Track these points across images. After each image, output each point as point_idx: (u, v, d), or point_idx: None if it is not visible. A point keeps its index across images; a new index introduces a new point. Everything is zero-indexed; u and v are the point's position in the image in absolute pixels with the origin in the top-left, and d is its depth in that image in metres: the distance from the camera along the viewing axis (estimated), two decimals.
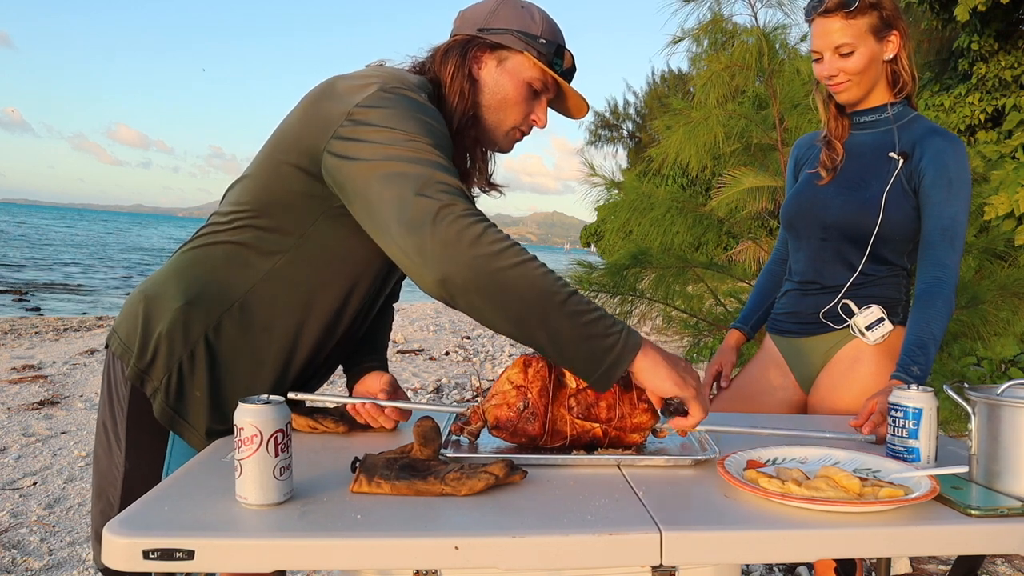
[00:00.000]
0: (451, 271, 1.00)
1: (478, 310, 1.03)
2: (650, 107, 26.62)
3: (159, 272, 1.29)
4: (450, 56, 1.28)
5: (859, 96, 1.64)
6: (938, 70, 9.77)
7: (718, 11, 3.56)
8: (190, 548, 0.82)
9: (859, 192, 1.64)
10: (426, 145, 1.08)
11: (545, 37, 1.28)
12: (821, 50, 1.61)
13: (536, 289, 1.02)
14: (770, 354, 1.85)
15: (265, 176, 1.22)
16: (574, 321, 1.03)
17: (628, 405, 1.16)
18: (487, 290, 1.01)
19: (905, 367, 1.47)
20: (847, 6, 1.54)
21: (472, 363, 7.09)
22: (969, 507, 0.97)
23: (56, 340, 8.23)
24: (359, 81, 1.16)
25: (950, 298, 1.51)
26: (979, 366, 4.63)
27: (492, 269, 1.00)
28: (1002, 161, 7.27)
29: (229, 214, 1.25)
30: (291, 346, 1.27)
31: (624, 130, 30.43)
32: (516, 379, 1.16)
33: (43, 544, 2.82)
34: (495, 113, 1.30)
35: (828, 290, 1.70)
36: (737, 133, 3.48)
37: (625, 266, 3.46)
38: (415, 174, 1.04)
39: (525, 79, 1.29)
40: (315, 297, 1.26)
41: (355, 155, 1.09)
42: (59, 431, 4.33)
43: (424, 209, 1.01)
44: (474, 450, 1.18)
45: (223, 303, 1.23)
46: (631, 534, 0.87)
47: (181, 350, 1.22)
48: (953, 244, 1.54)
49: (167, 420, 1.22)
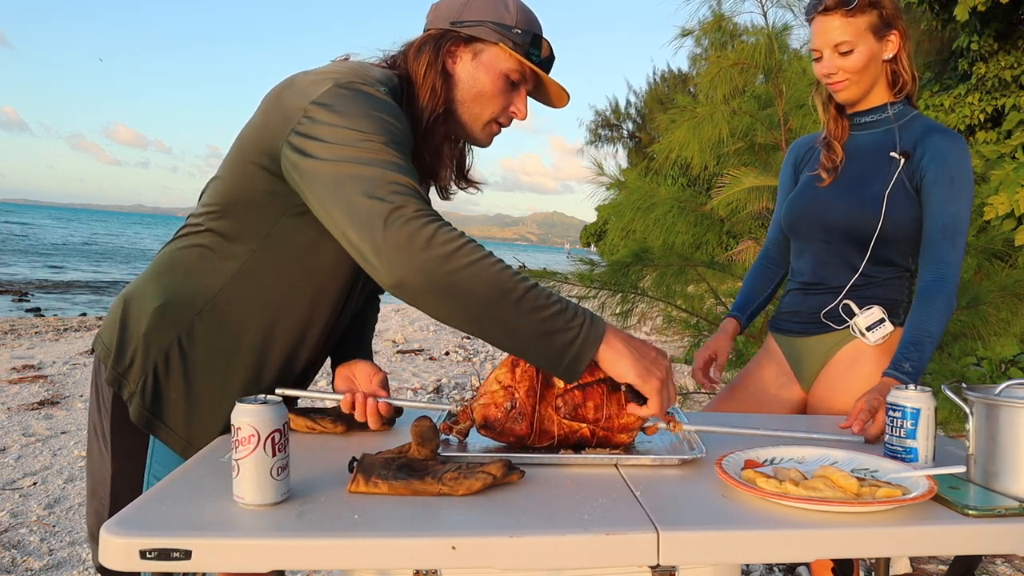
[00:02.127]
0: (405, 275, 1.00)
1: (436, 311, 1.03)
2: (650, 107, 26.62)
3: (141, 275, 1.29)
4: (423, 51, 1.25)
5: (858, 95, 1.64)
6: (938, 70, 9.77)
7: (719, 11, 3.55)
8: (187, 548, 0.82)
9: (860, 193, 1.63)
10: (380, 144, 1.06)
11: (520, 27, 1.26)
12: (820, 48, 1.60)
13: (492, 287, 1.01)
14: (771, 353, 1.85)
15: (232, 176, 1.21)
16: (532, 317, 1.02)
17: (616, 405, 1.16)
18: (442, 292, 1.00)
19: (897, 364, 1.47)
20: (847, 4, 1.54)
21: (472, 363, 7.09)
22: (967, 507, 0.97)
23: (56, 340, 8.23)
24: (317, 76, 1.14)
25: (950, 296, 1.51)
26: (979, 366, 4.63)
27: (446, 271, 0.99)
28: (1002, 161, 7.26)
29: (201, 215, 1.24)
30: (263, 346, 1.26)
31: (624, 130, 30.43)
32: (504, 379, 1.17)
33: (43, 544, 2.82)
34: (471, 107, 1.28)
35: (830, 291, 1.70)
36: (741, 131, 3.48)
37: (627, 264, 3.46)
38: (367, 176, 1.03)
39: (502, 71, 1.26)
40: (284, 296, 1.25)
41: (311, 153, 1.07)
42: (59, 431, 4.33)
43: (375, 212, 1.01)
44: (463, 449, 1.18)
45: (195, 305, 1.23)
46: (628, 534, 0.87)
47: (156, 353, 1.22)
48: (954, 242, 1.53)
49: (144, 423, 1.22)
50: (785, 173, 1.90)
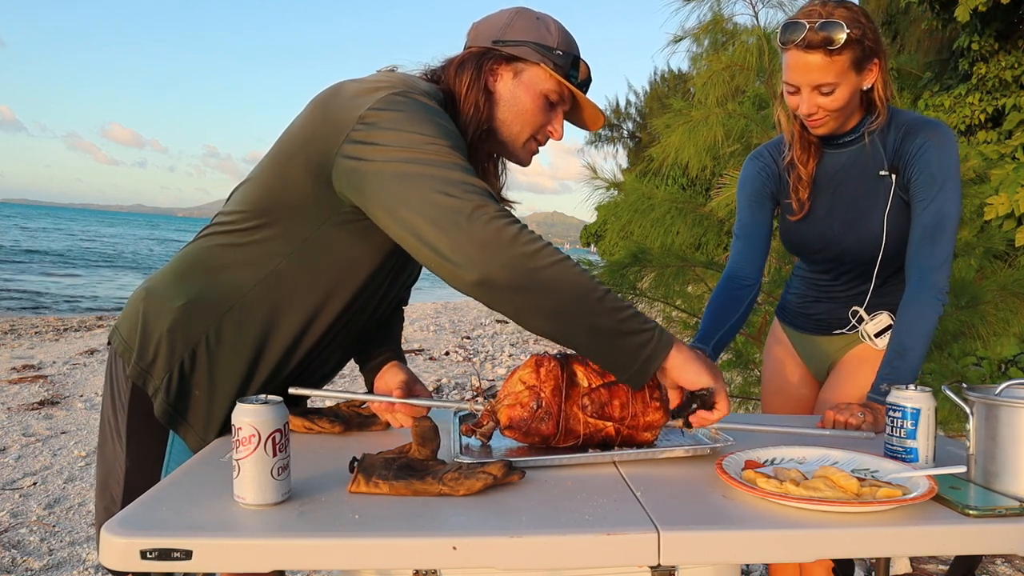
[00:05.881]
0: (491, 271, 1.01)
1: (518, 309, 1.04)
2: (650, 107, 26.63)
3: (161, 271, 1.30)
4: (465, 68, 1.26)
5: (836, 128, 1.57)
6: (938, 70, 9.77)
7: (719, 11, 3.55)
8: (188, 548, 0.82)
9: (863, 224, 1.59)
10: (446, 147, 1.08)
11: (561, 49, 1.27)
12: (798, 84, 1.50)
13: (576, 287, 1.03)
14: (784, 347, 1.86)
15: (270, 180, 1.21)
16: (612, 317, 1.05)
17: (641, 403, 1.17)
18: (529, 288, 1.02)
19: (875, 388, 1.47)
20: (830, 44, 1.42)
21: (472, 363, 7.09)
22: (967, 507, 0.97)
23: (56, 340, 8.23)
24: (369, 85, 1.15)
25: (934, 298, 1.48)
26: (979, 366, 4.63)
27: (533, 267, 1.01)
28: (1002, 161, 7.26)
29: (232, 214, 1.25)
30: (289, 348, 1.27)
31: (624, 130, 30.45)
32: (528, 379, 1.16)
33: (43, 544, 2.82)
34: (512, 126, 1.29)
35: (839, 299, 1.72)
36: (737, 133, 3.47)
37: (625, 265, 3.46)
38: (438, 175, 1.04)
39: (542, 91, 1.27)
40: (316, 300, 1.25)
41: (371, 157, 1.08)
42: (59, 431, 4.33)
43: (457, 209, 1.02)
44: (487, 452, 1.18)
45: (224, 304, 1.23)
46: (629, 534, 0.87)
47: (182, 349, 1.22)
48: (936, 242, 1.50)
49: (168, 419, 1.23)
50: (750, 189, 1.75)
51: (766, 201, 1.74)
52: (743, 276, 1.74)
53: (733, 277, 1.75)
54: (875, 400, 1.45)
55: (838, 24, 1.41)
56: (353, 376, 5.76)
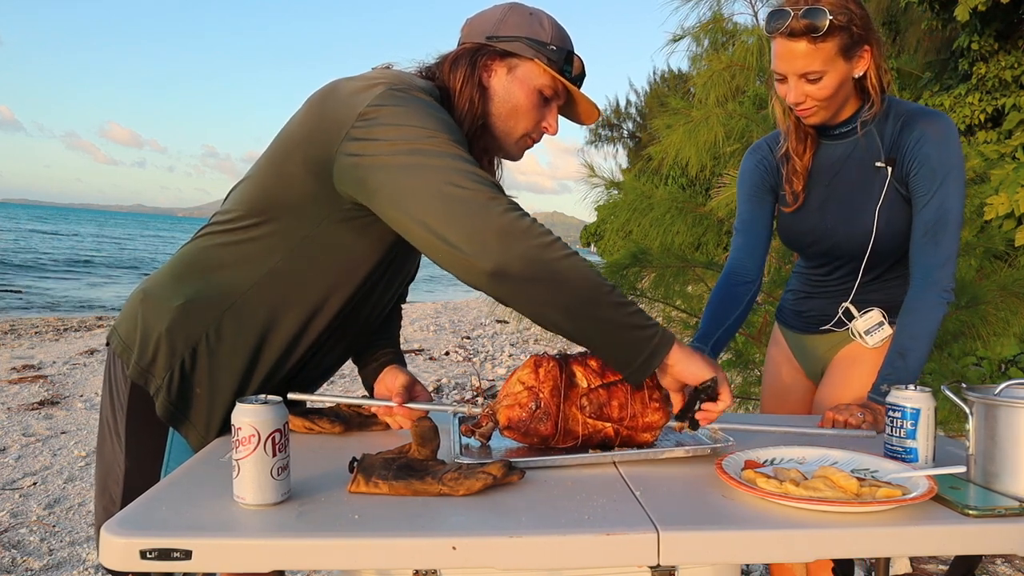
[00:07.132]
0: (507, 261, 1.01)
1: (531, 300, 1.05)
2: (651, 107, 26.63)
3: (159, 272, 1.30)
4: (459, 64, 1.26)
5: (828, 118, 1.55)
6: (938, 70, 9.77)
7: (718, 10, 3.55)
8: (187, 548, 0.82)
9: (855, 218, 1.58)
10: (447, 140, 1.08)
11: (555, 44, 1.27)
12: (784, 73, 1.47)
13: (587, 279, 1.04)
14: (780, 348, 1.86)
15: (267, 179, 1.21)
16: (620, 311, 1.07)
17: (640, 404, 1.17)
18: (543, 279, 1.02)
19: (875, 388, 1.47)
20: (814, 31, 1.40)
21: (472, 363, 7.09)
22: (967, 507, 0.97)
23: (56, 340, 8.23)
24: (366, 82, 1.15)
25: (938, 296, 1.47)
26: (979, 366, 4.63)
27: (548, 259, 1.02)
28: (1002, 161, 7.26)
29: (230, 214, 1.25)
30: (289, 346, 1.27)
31: (624, 130, 30.45)
32: (527, 380, 1.16)
33: (43, 544, 2.82)
34: (506, 121, 1.29)
35: (832, 295, 1.71)
36: (737, 133, 3.47)
37: (625, 265, 3.46)
38: (445, 166, 1.04)
39: (536, 86, 1.28)
40: (315, 298, 1.26)
41: (374, 153, 1.08)
42: (59, 431, 4.33)
43: (468, 199, 1.02)
44: (486, 452, 1.18)
45: (224, 302, 1.23)
46: (629, 534, 0.87)
47: (183, 348, 1.22)
48: (939, 239, 1.48)
49: (170, 418, 1.23)
50: (750, 182, 1.74)
51: (766, 195, 1.73)
52: (743, 272, 1.73)
53: (733, 273, 1.74)
54: (875, 400, 1.45)
55: (821, 11, 1.39)
56: (353, 376, 5.75)
